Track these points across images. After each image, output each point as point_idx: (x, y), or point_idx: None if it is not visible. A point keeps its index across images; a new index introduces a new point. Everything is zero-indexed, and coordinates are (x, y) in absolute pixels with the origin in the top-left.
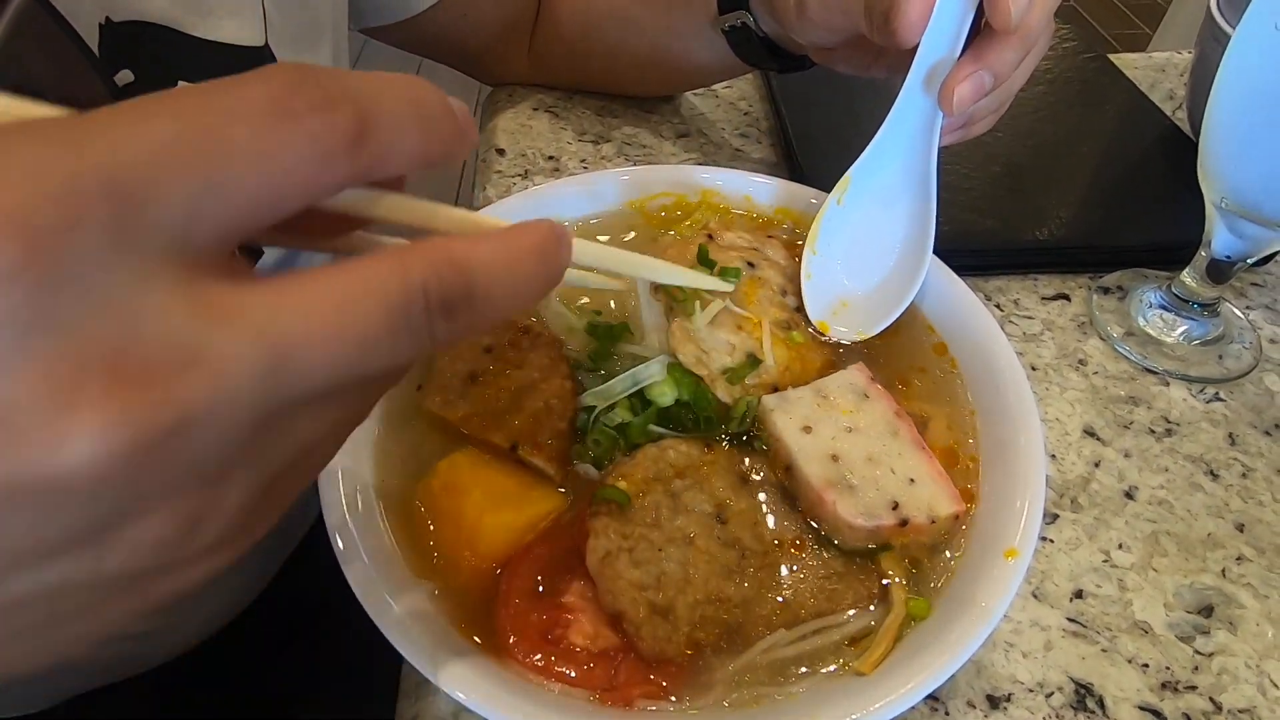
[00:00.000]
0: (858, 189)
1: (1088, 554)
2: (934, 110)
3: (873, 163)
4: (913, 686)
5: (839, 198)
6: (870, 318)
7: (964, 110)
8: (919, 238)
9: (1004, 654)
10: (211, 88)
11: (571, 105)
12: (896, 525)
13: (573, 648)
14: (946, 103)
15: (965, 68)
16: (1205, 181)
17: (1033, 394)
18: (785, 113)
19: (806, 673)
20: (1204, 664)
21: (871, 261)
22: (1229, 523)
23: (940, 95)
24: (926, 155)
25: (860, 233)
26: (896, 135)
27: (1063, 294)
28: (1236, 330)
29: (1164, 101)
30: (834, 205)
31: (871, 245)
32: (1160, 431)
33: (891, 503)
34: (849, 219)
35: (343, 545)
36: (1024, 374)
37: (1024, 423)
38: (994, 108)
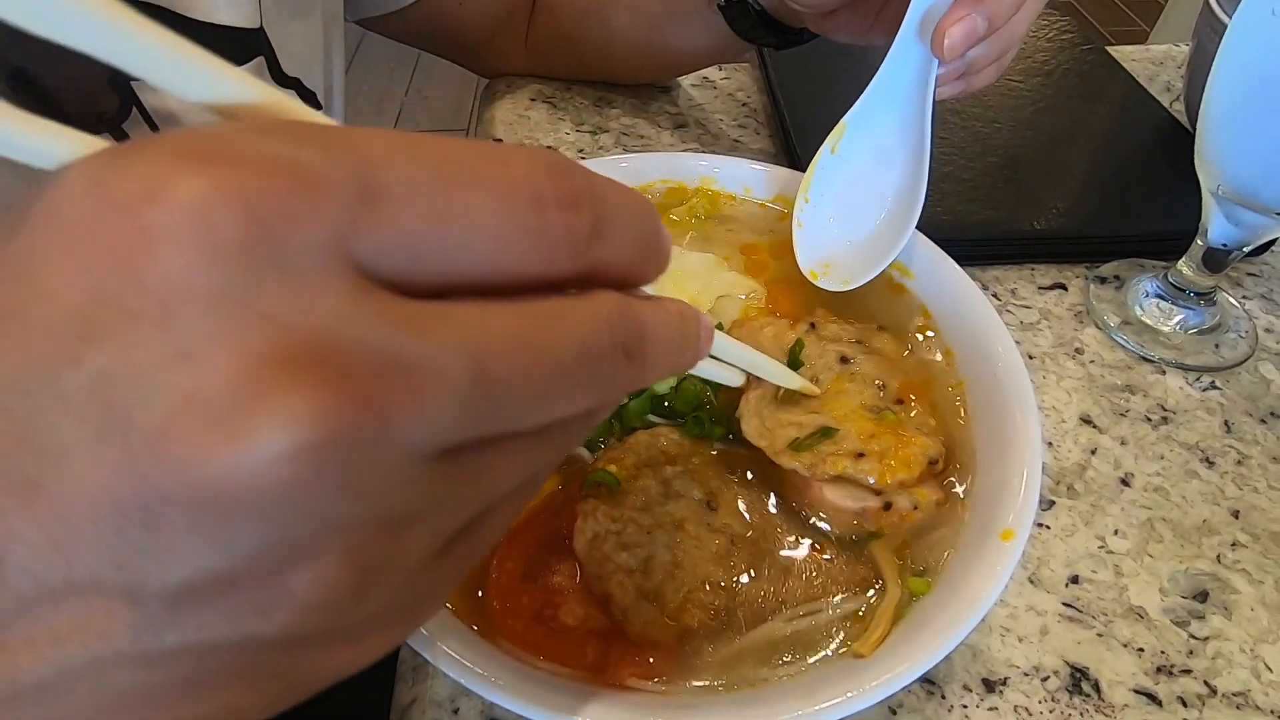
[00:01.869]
0: (852, 137)
1: (1084, 540)
2: (928, 56)
3: (868, 110)
4: (907, 667)
5: (833, 146)
6: (857, 270)
7: (956, 55)
8: (910, 189)
9: (1000, 639)
10: (481, 148)
11: (569, 96)
12: (880, 508)
13: (564, 628)
14: (939, 46)
15: (958, 10)
16: (1202, 169)
17: (1028, 375)
18: (783, 103)
19: (800, 656)
20: (1199, 648)
21: (862, 211)
22: (1224, 509)
23: (933, 39)
24: (921, 104)
25: (853, 181)
26: (892, 82)
27: (1060, 284)
28: (1232, 319)
29: (1161, 93)
30: (828, 153)
31: (863, 195)
32: (1156, 419)
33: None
34: (842, 168)
35: None
36: (1018, 355)
37: (1020, 403)
38: (994, 57)
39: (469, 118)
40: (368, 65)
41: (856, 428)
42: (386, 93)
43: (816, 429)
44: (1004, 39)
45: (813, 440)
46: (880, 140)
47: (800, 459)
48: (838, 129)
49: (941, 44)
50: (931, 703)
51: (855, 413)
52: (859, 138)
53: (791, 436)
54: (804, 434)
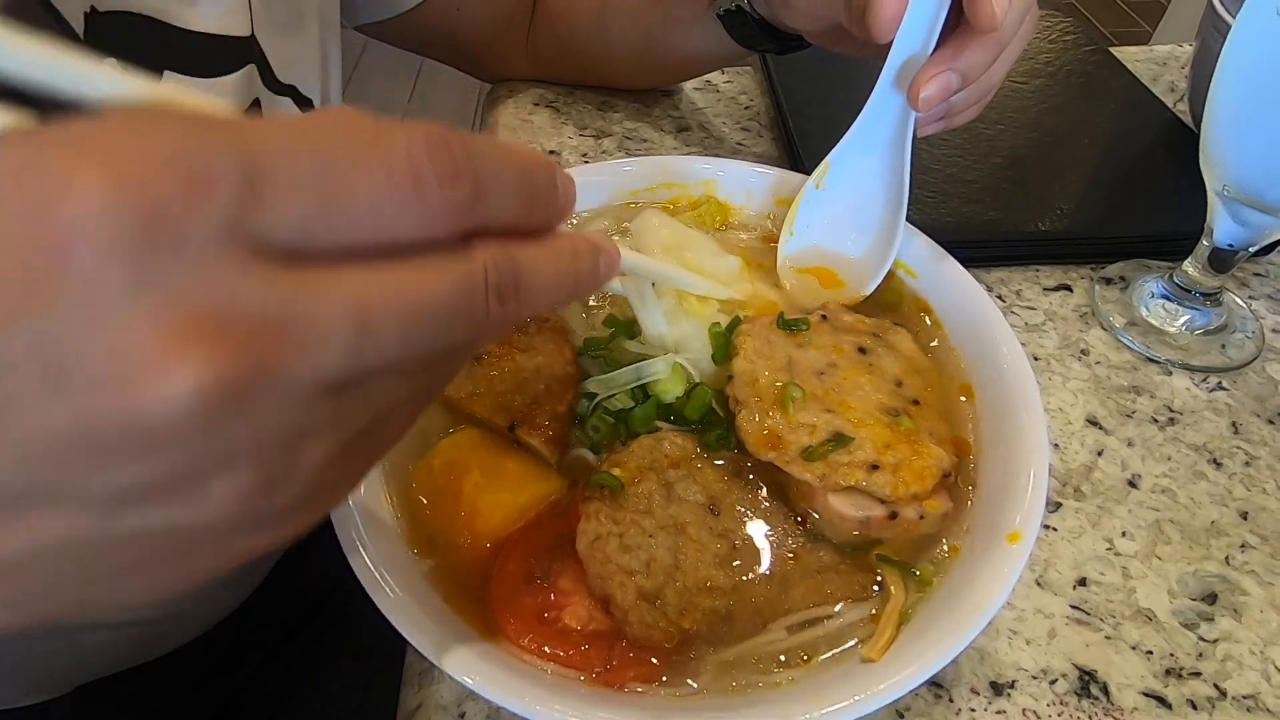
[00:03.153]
0: (836, 174)
1: (1091, 542)
2: (906, 105)
3: (850, 150)
4: (914, 670)
5: (818, 182)
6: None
7: (931, 108)
8: (890, 223)
9: (1007, 641)
10: (362, 125)
11: (572, 100)
12: (886, 518)
13: (567, 630)
14: (914, 101)
15: (933, 67)
16: (1207, 169)
17: (1034, 375)
18: (786, 106)
19: (803, 661)
20: (1208, 650)
21: (847, 240)
22: (1233, 511)
23: (909, 93)
24: (901, 145)
25: (837, 216)
26: (873, 125)
27: (1065, 285)
28: (1239, 319)
29: (1165, 94)
30: (812, 189)
31: (848, 225)
32: (1163, 420)
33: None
34: (827, 202)
35: (342, 523)
36: (1024, 355)
37: (1025, 404)
38: (973, 100)
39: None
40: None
41: (872, 435)
42: (389, 101)
43: (830, 434)
44: (981, 87)
45: (826, 449)
46: (862, 177)
47: (812, 469)
48: (822, 166)
49: (918, 99)
50: (939, 706)
51: (871, 416)
52: (842, 175)
53: (804, 443)
54: (817, 440)
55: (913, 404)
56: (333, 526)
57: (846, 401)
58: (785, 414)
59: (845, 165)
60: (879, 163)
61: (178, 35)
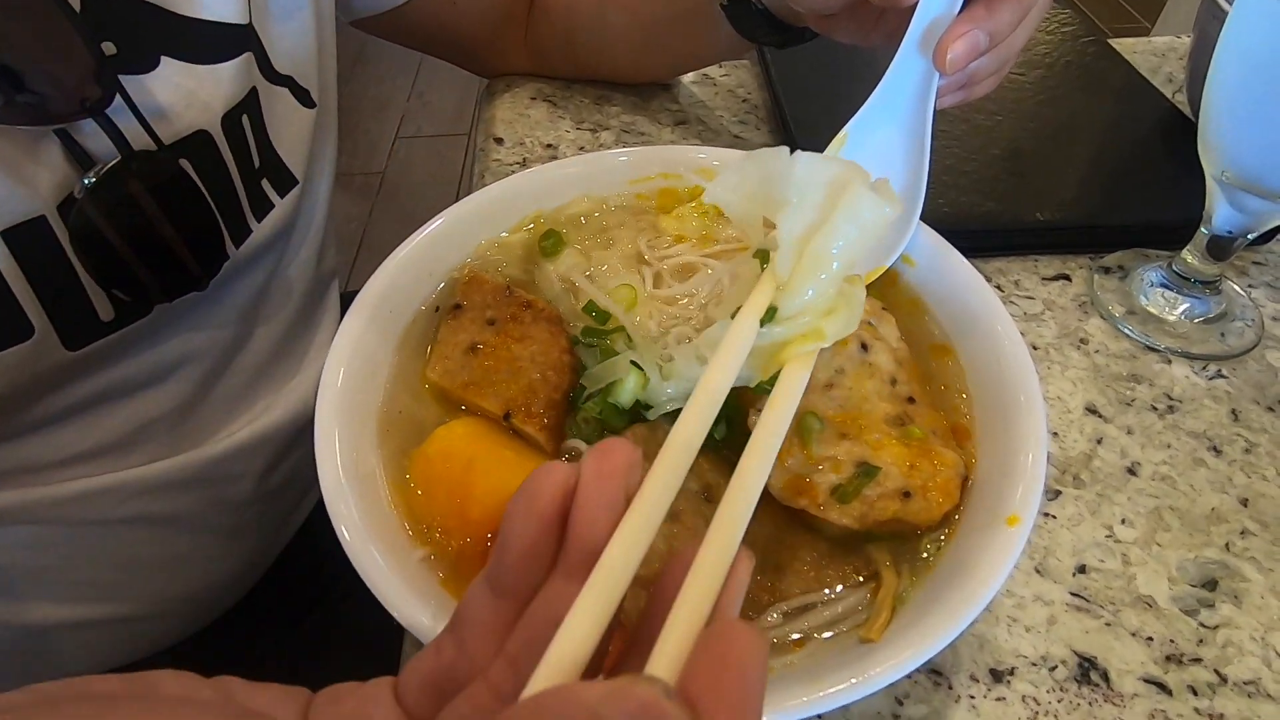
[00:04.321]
0: (854, 145)
1: (1090, 530)
2: (930, 69)
3: (869, 120)
4: (912, 653)
5: (835, 154)
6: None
7: (959, 69)
8: (911, 196)
9: (1007, 628)
10: None
11: (569, 94)
12: (884, 521)
13: None
14: (941, 61)
15: (961, 26)
16: (1206, 156)
17: (1029, 354)
18: (784, 98)
19: (800, 644)
20: (1209, 637)
21: None
22: (1233, 498)
23: (935, 53)
24: (923, 114)
25: None
26: (894, 93)
27: (1063, 274)
28: (1238, 308)
29: (1164, 85)
30: None
31: None
32: (1163, 408)
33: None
34: None
35: (338, 509)
36: (1021, 340)
37: (1024, 389)
38: (994, 68)
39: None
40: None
41: (893, 457)
42: (388, 100)
43: (856, 466)
44: (1003, 53)
45: (856, 484)
46: (881, 148)
47: (849, 512)
48: (839, 138)
49: (945, 59)
50: (939, 693)
51: (885, 434)
52: (861, 146)
53: (832, 482)
54: (844, 476)
55: (909, 402)
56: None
57: (859, 421)
58: (806, 450)
59: (864, 136)
60: (899, 132)
61: (176, 21)
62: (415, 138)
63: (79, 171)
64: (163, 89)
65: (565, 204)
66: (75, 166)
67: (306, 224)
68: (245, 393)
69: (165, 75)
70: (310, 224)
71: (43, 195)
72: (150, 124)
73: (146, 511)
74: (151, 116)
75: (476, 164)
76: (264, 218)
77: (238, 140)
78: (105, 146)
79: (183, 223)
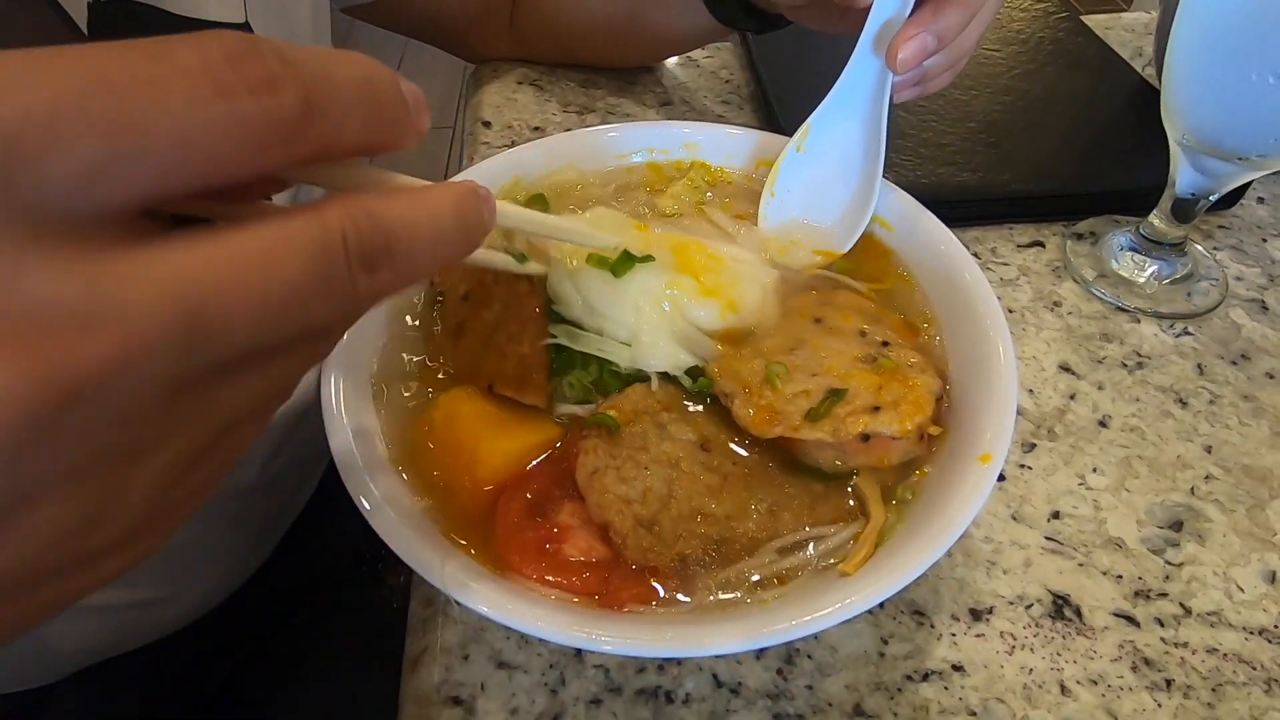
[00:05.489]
0: (816, 136)
1: (1064, 479)
2: (885, 67)
3: (830, 112)
4: (890, 581)
5: (799, 144)
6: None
7: (909, 69)
8: (867, 183)
9: (985, 572)
10: (138, 47)
11: (555, 78)
12: (858, 440)
13: (568, 560)
14: (892, 61)
15: (910, 29)
16: (1168, 121)
17: (1002, 312)
18: (766, 80)
19: (788, 579)
20: (1174, 573)
21: (826, 202)
22: (1198, 445)
23: (887, 55)
24: (878, 107)
25: (817, 176)
26: (852, 88)
27: (1038, 241)
28: (1204, 268)
29: (1134, 59)
30: (793, 151)
31: (827, 187)
32: (1132, 365)
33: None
34: (807, 164)
35: (347, 468)
36: (993, 294)
37: (996, 339)
38: (946, 65)
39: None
40: None
41: (863, 382)
42: None
43: (825, 393)
44: (954, 52)
45: (827, 405)
46: (841, 138)
47: (821, 428)
48: (803, 129)
49: (895, 59)
50: (921, 631)
51: (853, 367)
52: (822, 137)
53: (803, 408)
54: (815, 401)
55: (883, 346)
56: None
57: (826, 364)
58: (775, 390)
59: (825, 127)
60: (858, 125)
61: (176, 22)
62: None
63: None
64: None
65: (552, 172)
66: None
67: None
68: None
69: None
70: None
71: None
72: None
73: None
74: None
75: (465, 148)
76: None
77: None
78: None
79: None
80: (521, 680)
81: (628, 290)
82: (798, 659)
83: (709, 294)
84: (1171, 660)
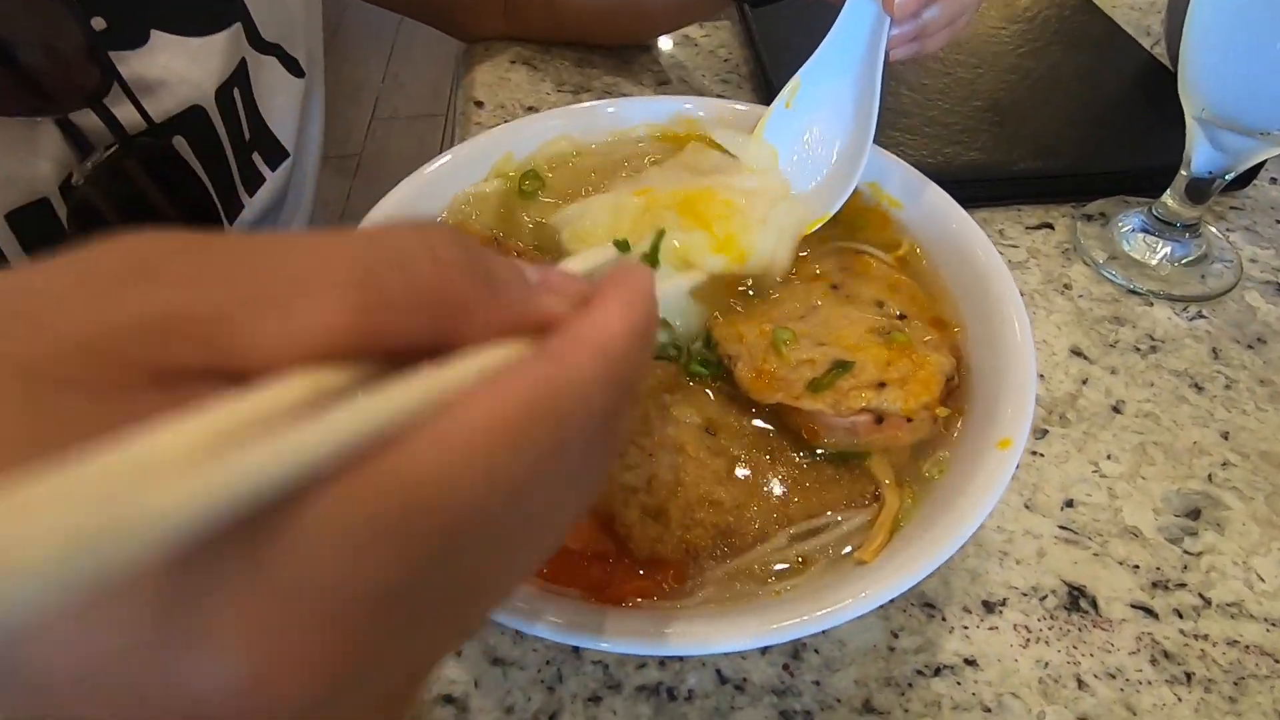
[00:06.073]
0: (806, 92)
1: (1077, 466)
2: (881, 15)
3: (821, 67)
4: (907, 574)
5: (788, 100)
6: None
7: (908, 14)
8: (859, 142)
9: (998, 562)
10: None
11: (549, 57)
12: (872, 422)
13: (569, 553)
14: (889, 4)
15: None
16: (1186, 96)
17: (1017, 290)
18: (765, 58)
19: (800, 570)
20: (1193, 563)
21: (812, 163)
22: (1214, 431)
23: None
24: (873, 62)
25: (804, 135)
26: (845, 39)
27: (1046, 223)
28: (1217, 250)
29: (1142, 37)
30: (782, 107)
31: (814, 148)
32: (1145, 349)
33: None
34: (795, 122)
35: None
36: (1008, 272)
37: (1012, 318)
38: (946, 21)
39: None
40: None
41: (871, 356)
42: (363, 82)
43: (830, 364)
44: (955, 6)
45: (830, 377)
46: (833, 96)
47: (822, 399)
48: (792, 84)
49: (892, 2)
50: (932, 624)
51: (865, 340)
52: (813, 93)
53: (806, 377)
54: (819, 372)
55: (899, 319)
56: None
57: (836, 333)
58: (780, 356)
59: (815, 82)
60: (850, 81)
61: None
62: (392, 119)
63: (77, 154)
64: (154, 65)
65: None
66: (73, 149)
67: (297, 198)
68: None
69: (156, 50)
70: (300, 198)
71: (44, 178)
72: (143, 104)
73: None
74: (144, 95)
75: (457, 129)
76: (255, 192)
77: (230, 113)
78: (101, 126)
79: (178, 199)
80: (517, 677)
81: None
82: (805, 654)
83: (720, 250)
84: (1191, 653)
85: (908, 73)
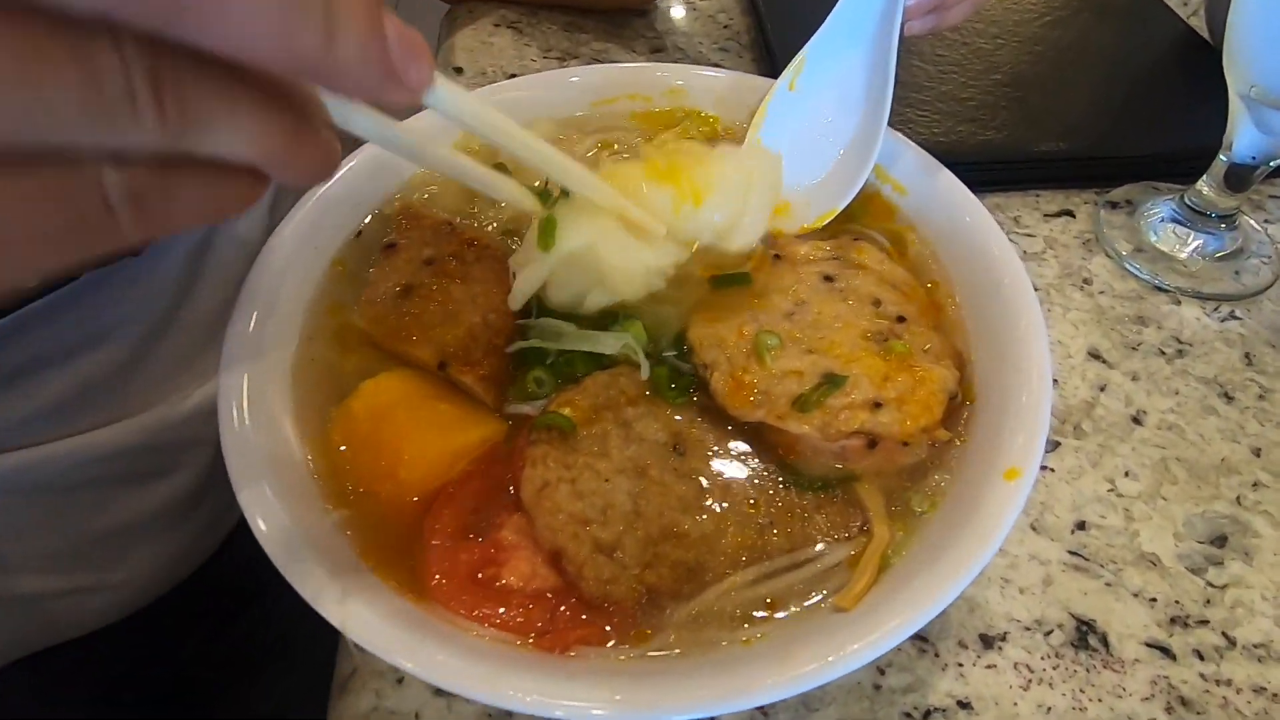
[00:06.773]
0: (812, 71)
1: (1091, 483)
2: None
3: (829, 42)
4: (896, 625)
5: (791, 81)
6: (806, 214)
7: None
8: (869, 131)
9: (999, 590)
10: None
11: (536, 21)
12: (864, 446)
13: (507, 589)
14: None
15: None
16: (1231, 71)
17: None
18: (768, 25)
19: (774, 613)
20: (1216, 597)
21: (817, 155)
22: (1245, 447)
23: None
24: (887, 36)
25: (809, 122)
26: (856, 12)
27: (1067, 210)
28: (1255, 244)
29: (1178, 6)
30: (784, 90)
31: (819, 137)
32: (1171, 352)
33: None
34: (800, 106)
35: (241, 470)
36: (1023, 270)
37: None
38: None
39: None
40: None
41: (866, 369)
42: None
43: (820, 377)
44: None
45: (819, 394)
46: (841, 75)
47: (810, 420)
48: (796, 61)
49: None
50: (924, 661)
51: (859, 348)
52: (819, 73)
53: (793, 392)
54: (807, 386)
55: (898, 321)
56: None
57: (827, 337)
58: (763, 365)
59: (823, 60)
60: (861, 58)
61: None
62: None
63: None
64: None
65: None
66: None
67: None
68: (193, 352)
69: None
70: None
71: None
72: None
73: (104, 476)
74: None
75: None
76: None
77: None
78: None
79: None
80: (463, 709)
81: (579, 232)
82: None
83: (663, 178)
84: (1212, 700)
85: (921, 43)
